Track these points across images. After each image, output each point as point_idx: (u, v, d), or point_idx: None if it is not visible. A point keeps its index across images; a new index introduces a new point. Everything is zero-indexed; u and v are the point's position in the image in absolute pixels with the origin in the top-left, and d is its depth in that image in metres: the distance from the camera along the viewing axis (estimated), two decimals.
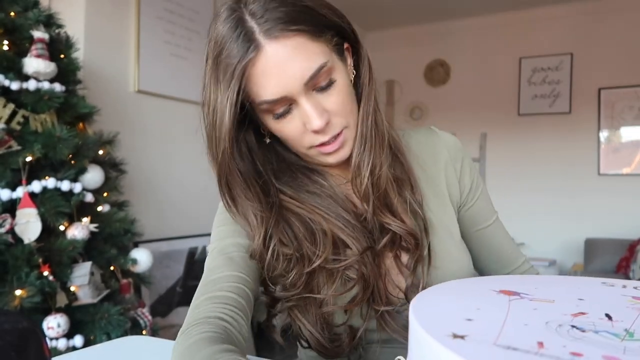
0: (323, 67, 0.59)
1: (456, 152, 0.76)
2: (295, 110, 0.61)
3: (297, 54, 0.57)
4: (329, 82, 0.61)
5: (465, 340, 0.28)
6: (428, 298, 0.38)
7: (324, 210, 0.67)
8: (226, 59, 0.58)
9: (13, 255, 1.44)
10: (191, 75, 2.69)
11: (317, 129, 0.60)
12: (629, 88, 3.88)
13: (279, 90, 0.58)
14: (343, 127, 0.63)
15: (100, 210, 1.78)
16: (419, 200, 0.70)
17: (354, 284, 0.65)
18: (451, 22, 4.44)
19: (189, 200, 2.67)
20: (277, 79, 0.58)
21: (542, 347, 0.27)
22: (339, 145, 0.64)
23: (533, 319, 0.32)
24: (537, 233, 4.13)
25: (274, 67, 0.57)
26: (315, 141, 0.63)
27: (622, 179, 3.92)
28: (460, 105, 4.45)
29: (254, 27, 0.57)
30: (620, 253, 3.58)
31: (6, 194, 1.52)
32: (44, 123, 1.62)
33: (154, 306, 2.41)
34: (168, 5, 2.54)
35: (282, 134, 0.64)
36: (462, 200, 0.76)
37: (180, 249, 2.61)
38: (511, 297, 0.37)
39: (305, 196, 0.68)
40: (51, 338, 1.49)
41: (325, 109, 0.61)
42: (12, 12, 1.62)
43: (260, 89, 0.59)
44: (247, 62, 0.57)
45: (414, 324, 0.31)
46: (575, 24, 4.07)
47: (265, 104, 0.60)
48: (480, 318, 0.32)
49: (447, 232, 0.73)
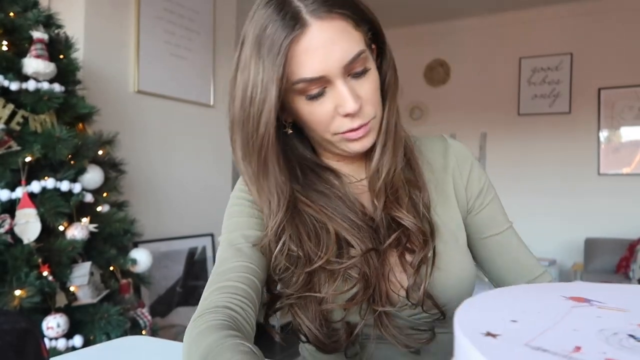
0: (361, 53, 0.61)
1: (465, 158, 0.77)
2: (329, 92, 0.62)
3: (340, 37, 0.60)
4: (364, 70, 0.63)
5: (496, 339, 0.28)
6: (485, 297, 0.37)
7: (330, 210, 0.68)
8: (271, 37, 0.59)
9: (12, 256, 1.44)
10: (191, 75, 2.69)
11: (351, 112, 0.61)
12: (629, 88, 3.88)
13: (319, 69, 0.60)
14: (371, 118, 0.64)
15: (100, 210, 1.78)
16: (427, 203, 0.71)
17: (355, 283, 0.65)
18: (451, 22, 4.44)
19: (188, 201, 2.67)
20: (319, 57, 0.59)
21: (578, 351, 0.26)
22: (364, 132, 0.65)
23: (587, 326, 0.30)
24: (537, 233, 4.13)
25: (318, 46, 0.59)
26: (343, 127, 0.64)
27: (622, 179, 3.92)
28: (460, 105, 4.46)
29: (300, 7, 0.59)
30: (620, 253, 3.59)
31: (6, 194, 1.52)
32: (44, 123, 1.62)
33: (153, 306, 2.41)
34: (168, 5, 2.54)
35: (311, 117, 0.65)
36: (470, 205, 0.77)
37: (180, 249, 2.61)
38: (579, 303, 0.36)
39: (313, 195, 0.69)
40: (51, 338, 1.49)
41: (359, 95, 0.62)
42: (11, 13, 1.62)
43: (301, 67, 0.60)
44: (293, 38, 0.58)
45: (454, 320, 0.31)
46: (575, 24, 4.07)
47: (302, 82, 0.61)
48: (526, 320, 0.31)
49: (453, 237, 0.73)
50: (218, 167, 2.90)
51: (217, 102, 2.88)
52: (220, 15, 2.92)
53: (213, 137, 2.85)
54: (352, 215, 0.68)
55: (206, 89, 2.80)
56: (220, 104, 2.90)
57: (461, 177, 0.76)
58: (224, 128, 0.80)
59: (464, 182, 0.76)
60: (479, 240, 0.78)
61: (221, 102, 2.91)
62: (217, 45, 2.88)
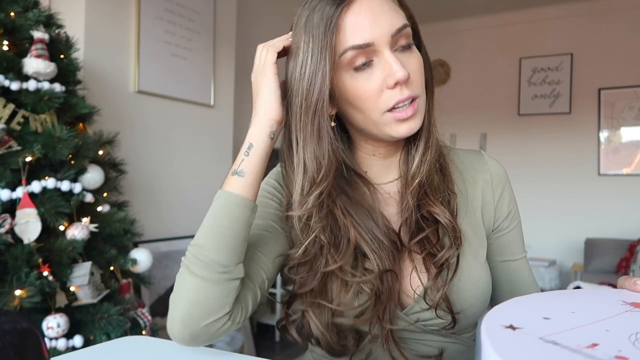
0: (407, 26, 0.64)
1: (500, 178, 0.77)
2: (377, 64, 0.63)
3: (388, 7, 0.63)
4: (409, 45, 0.65)
5: (515, 331, 0.28)
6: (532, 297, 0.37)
7: (355, 219, 0.68)
8: (321, 12, 0.62)
9: (13, 256, 1.44)
10: (191, 75, 2.69)
11: (401, 78, 0.61)
12: (629, 88, 3.88)
13: (367, 36, 0.61)
14: (417, 94, 0.65)
15: (100, 210, 1.78)
16: (454, 209, 0.71)
17: (366, 300, 0.66)
18: (451, 22, 4.45)
19: (188, 200, 2.67)
20: (368, 24, 0.61)
21: (593, 347, 0.26)
22: (412, 111, 0.64)
23: (625, 328, 0.30)
24: (537, 233, 4.13)
25: (367, 13, 0.61)
26: (391, 100, 0.63)
27: (622, 179, 3.92)
28: (460, 105, 4.46)
29: None
30: (620, 253, 3.59)
31: (6, 194, 1.52)
32: (44, 123, 1.62)
33: (153, 306, 2.41)
34: (168, 6, 2.54)
35: (360, 92, 0.64)
36: (495, 226, 0.77)
37: (180, 249, 2.61)
38: (636, 308, 0.35)
39: (343, 198, 0.69)
40: (51, 338, 1.49)
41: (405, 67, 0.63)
42: (12, 13, 1.62)
43: (349, 35, 0.61)
44: (343, 8, 0.61)
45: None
46: (575, 24, 4.07)
47: (351, 50, 0.62)
48: (558, 318, 0.32)
49: (473, 250, 0.73)
50: (218, 167, 2.90)
51: (217, 102, 2.88)
52: (221, 15, 2.92)
53: (213, 137, 2.85)
54: (376, 229, 0.68)
55: (206, 89, 2.80)
56: (220, 104, 2.90)
57: (493, 195, 0.76)
58: (224, 128, 0.80)
59: (494, 201, 0.76)
60: (494, 262, 0.79)
61: (221, 102, 2.91)
62: (217, 45, 2.88)
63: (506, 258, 0.78)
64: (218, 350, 0.70)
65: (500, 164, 0.79)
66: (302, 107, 0.64)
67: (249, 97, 0.73)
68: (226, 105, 2.95)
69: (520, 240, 0.79)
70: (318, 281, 0.67)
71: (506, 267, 0.78)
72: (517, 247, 0.79)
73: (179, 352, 0.68)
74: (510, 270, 0.78)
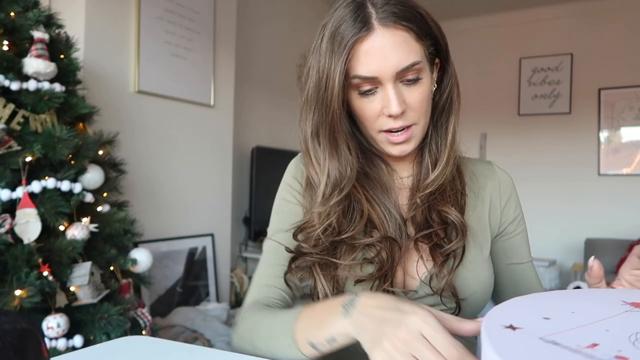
0: (416, 64, 0.67)
1: (507, 185, 0.83)
2: (379, 92, 0.69)
3: (400, 46, 0.66)
4: (416, 79, 0.69)
5: (515, 332, 0.28)
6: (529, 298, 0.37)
7: (370, 193, 0.74)
8: (342, 34, 0.67)
9: (13, 256, 1.44)
10: (191, 75, 2.69)
11: (393, 114, 0.68)
12: (629, 88, 3.88)
13: (373, 70, 0.67)
14: (413, 123, 0.71)
15: (100, 210, 1.78)
16: (462, 206, 0.76)
17: (369, 262, 0.70)
18: (451, 22, 4.45)
19: (188, 201, 2.67)
20: (376, 60, 0.66)
21: (593, 347, 0.26)
22: (405, 137, 0.71)
23: (625, 328, 0.30)
24: (537, 233, 4.13)
25: (378, 49, 0.66)
26: (385, 125, 0.70)
27: (622, 180, 3.92)
28: (460, 106, 4.45)
29: (372, 13, 0.66)
30: (620, 253, 3.58)
31: (6, 194, 1.52)
32: (44, 123, 1.62)
33: (153, 306, 2.41)
34: (168, 5, 2.54)
35: (361, 111, 0.71)
36: (501, 229, 0.81)
37: (180, 249, 2.61)
38: (636, 308, 0.35)
39: (361, 176, 0.75)
40: (51, 338, 1.49)
41: (405, 101, 0.69)
42: (12, 13, 1.62)
43: (359, 65, 0.67)
44: (358, 38, 0.66)
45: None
46: (575, 24, 4.07)
47: (357, 78, 0.68)
48: (558, 318, 0.32)
49: (478, 245, 0.77)
50: (218, 167, 2.90)
51: (217, 102, 2.88)
52: (221, 15, 2.92)
53: (213, 137, 2.85)
54: (389, 204, 0.74)
55: (206, 89, 2.80)
56: (220, 104, 2.90)
57: (500, 200, 0.81)
58: (224, 128, 0.80)
59: (501, 206, 0.81)
60: (501, 265, 0.82)
61: (221, 102, 2.91)
62: (217, 45, 2.88)
63: (512, 261, 0.82)
64: (218, 350, 0.70)
65: (508, 174, 0.85)
66: (320, 120, 0.71)
67: (249, 97, 0.74)
68: (226, 105, 2.95)
69: (526, 245, 0.84)
70: (327, 245, 0.72)
71: (512, 270, 0.82)
72: (523, 251, 0.83)
73: (179, 352, 0.68)
74: (516, 274, 0.82)
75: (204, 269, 2.77)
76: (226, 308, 2.57)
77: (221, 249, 2.90)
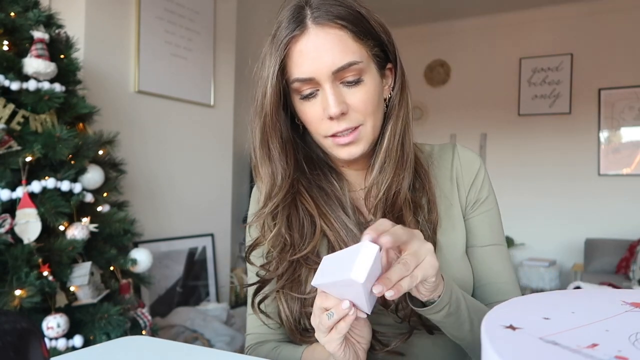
0: (354, 64, 0.64)
1: (470, 165, 0.78)
2: (320, 95, 0.67)
3: (335, 44, 0.64)
4: (357, 80, 0.66)
5: (515, 332, 0.28)
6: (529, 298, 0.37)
7: (325, 208, 0.71)
8: (278, 36, 0.66)
9: (13, 256, 1.44)
10: (191, 75, 2.69)
11: (332, 115, 0.65)
12: (629, 88, 3.88)
13: (309, 71, 0.64)
14: (359, 124, 0.67)
15: (100, 210, 1.78)
16: (434, 223, 0.72)
17: None
18: (451, 22, 4.45)
19: (188, 201, 2.67)
20: (311, 60, 0.64)
21: (593, 347, 0.26)
22: (352, 139, 0.67)
23: (624, 328, 0.30)
24: (537, 233, 4.13)
25: (312, 49, 0.64)
26: (330, 130, 0.67)
27: (622, 180, 3.92)
28: (460, 106, 4.46)
29: (307, 14, 0.65)
30: (620, 253, 3.58)
31: (6, 194, 1.52)
32: (44, 123, 1.62)
33: (153, 306, 2.41)
34: (168, 5, 2.54)
35: (305, 117, 0.69)
36: (465, 211, 0.76)
37: (180, 249, 2.61)
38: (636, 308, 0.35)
39: (314, 190, 0.73)
40: (51, 338, 1.49)
41: (346, 102, 0.66)
42: (12, 13, 1.62)
43: (295, 67, 0.65)
44: (291, 38, 0.64)
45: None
46: (575, 24, 4.07)
47: (296, 82, 0.66)
48: (558, 318, 0.31)
49: (454, 253, 0.73)
50: (218, 167, 2.90)
51: (217, 102, 2.88)
52: (221, 15, 2.92)
53: (213, 137, 2.85)
54: (345, 217, 0.71)
55: (206, 89, 2.81)
56: (220, 104, 2.90)
57: (464, 183, 0.77)
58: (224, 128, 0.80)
59: (466, 189, 0.77)
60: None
61: (221, 102, 2.91)
62: (217, 45, 2.88)
63: (472, 244, 0.76)
64: (218, 350, 0.70)
65: (475, 154, 0.80)
66: (259, 119, 0.69)
67: (249, 97, 0.73)
68: (226, 105, 2.95)
69: (488, 227, 0.76)
70: (285, 269, 0.70)
71: (470, 254, 0.76)
72: (484, 233, 0.76)
73: (179, 352, 0.68)
74: (474, 257, 0.75)
75: (203, 269, 2.77)
76: (226, 308, 2.57)
77: (221, 249, 2.90)
